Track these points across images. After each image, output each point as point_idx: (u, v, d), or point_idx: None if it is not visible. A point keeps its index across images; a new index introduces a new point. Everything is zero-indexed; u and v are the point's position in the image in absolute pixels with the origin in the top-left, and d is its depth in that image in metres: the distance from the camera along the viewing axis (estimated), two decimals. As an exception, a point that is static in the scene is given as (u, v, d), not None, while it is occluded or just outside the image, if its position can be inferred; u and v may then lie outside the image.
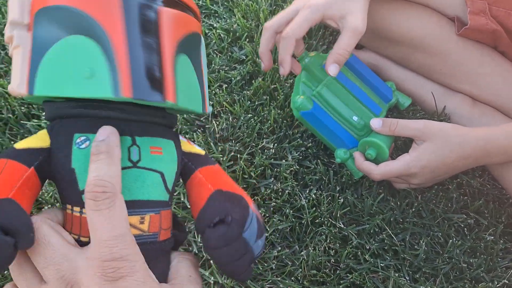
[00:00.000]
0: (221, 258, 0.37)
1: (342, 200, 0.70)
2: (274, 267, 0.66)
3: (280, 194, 0.71)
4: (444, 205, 0.72)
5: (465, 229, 0.70)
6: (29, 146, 0.38)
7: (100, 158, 0.33)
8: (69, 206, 0.37)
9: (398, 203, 0.72)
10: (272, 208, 0.70)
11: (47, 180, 0.38)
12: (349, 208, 0.70)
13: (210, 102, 0.60)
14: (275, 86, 0.80)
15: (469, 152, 0.64)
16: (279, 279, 0.65)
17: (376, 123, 0.68)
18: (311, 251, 0.67)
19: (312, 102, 0.70)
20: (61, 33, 0.37)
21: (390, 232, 0.69)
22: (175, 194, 0.64)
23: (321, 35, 0.88)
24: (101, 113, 0.39)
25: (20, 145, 0.38)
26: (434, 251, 0.69)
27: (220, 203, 0.38)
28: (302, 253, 0.67)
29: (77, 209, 0.36)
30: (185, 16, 0.40)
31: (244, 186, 0.72)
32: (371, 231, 0.69)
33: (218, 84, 0.82)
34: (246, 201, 0.39)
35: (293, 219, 0.69)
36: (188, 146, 0.45)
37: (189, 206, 0.52)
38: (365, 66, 0.76)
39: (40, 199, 0.70)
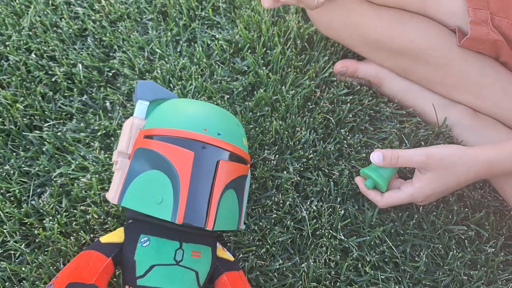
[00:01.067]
0: None
1: (342, 211, 0.70)
2: (275, 280, 0.66)
3: (281, 205, 0.71)
4: (445, 217, 0.72)
5: (466, 241, 0.70)
6: (110, 241, 0.57)
7: None
8: (127, 286, 0.55)
9: (399, 214, 0.72)
10: (273, 220, 0.70)
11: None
12: (349, 220, 0.70)
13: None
14: (277, 97, 0.81)
15: (473, 175, 0.64)
16: (280, 291, 0.65)
17: (375, 157, 0.67)
18: (312, 263, 0.67)
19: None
20: (147, 167, 0.56)
21: (390, 244, 0.69)
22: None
23: (323, 46, 0.89)
24: (162, 223, 0.58)
25: (104, 239, 0.57)
26: (435, 263, 0.69)
27: None
28: (302, 265, 0.67)
29: None
30: (237, 165, 0.59)
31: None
32: (372, 243, 0.69)
33: (220, 95, 0.82)
34: None
35: (294, 231, 0.69)
36: (222, 252, 0.62)
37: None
38: None
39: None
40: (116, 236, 0.58)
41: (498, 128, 0.77)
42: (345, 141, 0.78)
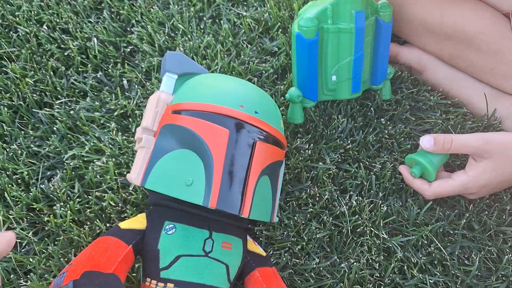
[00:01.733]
0: None
1: (385, 208, 0.64)
2: (312, 280, 0.59)
3: (317, 199, 0.65)
4: (497, 217, 0.65)
5: (521, 244, 0.63)
6: (131, 227, 0.50)
7: None
8: (148, 279, 0.48)
9: (446, 212, 0.65)
10: (308, 215, 0.63)
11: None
12: (393, 217, 0.64)
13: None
14: (311, 80, 0.74)
15: None
16: (316, 293, 0.59)
17: (426, 142, 0.61)
18: (353, 263, 0.60)
19: (316, 33, 0.63)
20: (176, 145, 0.49)
21: (439, 244, 0.62)
22: None
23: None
24: (189, 209, 0.52)
25: (124, 225, 0.50)
26: (486, 268, 0.63)
27: None
28: (342, 265, 0.60)
29: (154, 282, 0.48)
30: (274, 148, 0.52)
31: (278, 188, 0.65)
32: (418, 243, 0.63)
33: (248, 77, 0.75)
34: None
35: (332, 227, 0.63)
36: (253, 246, 0.55)
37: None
38: (389, 40, 0.68)
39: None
40: (138, 222, 0.52)
41: None
42: (386, 131, 0.71)
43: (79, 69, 0.76)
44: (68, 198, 0.64)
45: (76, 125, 0.70)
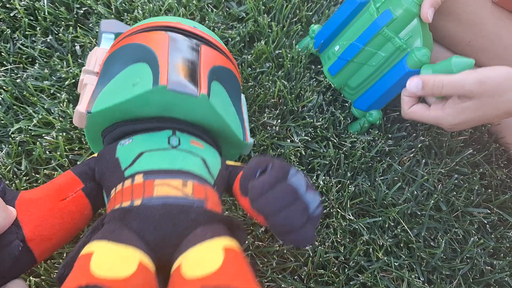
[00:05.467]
0: (269, 205, 0.35)
1: (353, 188, 0.61)
2: (274, 264, 0.57)
3: (283, 178, 0.62)
4: (465, 198, 0.64)
5: (488, 226, 0.63)
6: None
7: None
8: (113, 190, 0.39)
9: (415, 192, 0.63)
10: (273, 195, 0.61)
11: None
12: (361, 198, 0.61)
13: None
14: (281, 51, 0.69)
15: None
16: (279, 276, 0.57)
17: (413, 85, 0.56)
18: (318, 246, 0.58)
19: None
20: (119, 68, 0.44)
21: (406, 226, 0.60)
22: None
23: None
24: (145, 124, 0.43)
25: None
26: (452, 249, 0.62)
27: (260, 159, 0.38)
28: (306, 248, 0.58)
29: (119, 186, 0.39)
30: (221, 56, 0.47)
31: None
32: (385, 224, 0.61)
33: (213, 45, 0.70)
34: None
35: (297, 208, 0.60)
36: (231, 162, 0.46)
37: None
38: (399, 86, 0.62)
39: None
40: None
41: None
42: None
43: (27, 33, 0.69)
44: (15, 176, 0.59)
45: (23, 95, 0.64)
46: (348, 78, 0.66)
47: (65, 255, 0.53)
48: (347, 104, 0.69)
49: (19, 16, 0.70)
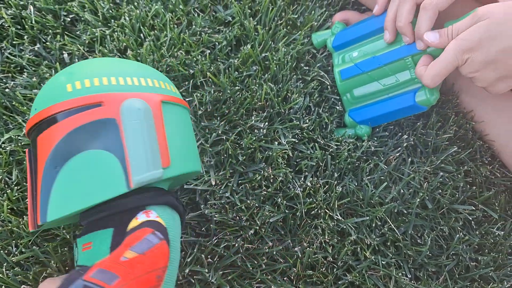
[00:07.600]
0: None
1: (340, 189, 0.63)
2: (264, 266, 0.58)
3: (271, 181, 0.63)
4: (450, 195, 0.65)
5: (473, 222, 0.64)
6: None
7: None
8: None
9: (401, 191, 0.65)
10: (262, 198, 0.62)
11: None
12: (348, 198, 0.63)
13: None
14: (267, 55, 0.70)
15: None
16: (269, 277, 0.58)
17: (432, 37, 0.57)
18: (306, 247, 0.59)
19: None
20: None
21: (392, 225, 0.62)
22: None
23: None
24: None
25: None
26: (438, 246, 0.63)
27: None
28: (295, 249, 0.59)
29: None
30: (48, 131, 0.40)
31: (231, 171, 0.63)
32: (373, 223, 0.62)
33: (200, 50, 0.70)
34: None
35: (286, 210, 0.61)
36: (135, 222, 0.41)
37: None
38: (397, 114, 0.66)
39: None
40: None
41: None
42: (337, 108, 0.69)
43: (14, 42, 0.69)
44: (6, 186, 0.59)
45: (13, 104, 0.65)
46: (354, 87, 0.67)
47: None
48: (336, 108, 0.70)
49: (6, 25, 0.70)
